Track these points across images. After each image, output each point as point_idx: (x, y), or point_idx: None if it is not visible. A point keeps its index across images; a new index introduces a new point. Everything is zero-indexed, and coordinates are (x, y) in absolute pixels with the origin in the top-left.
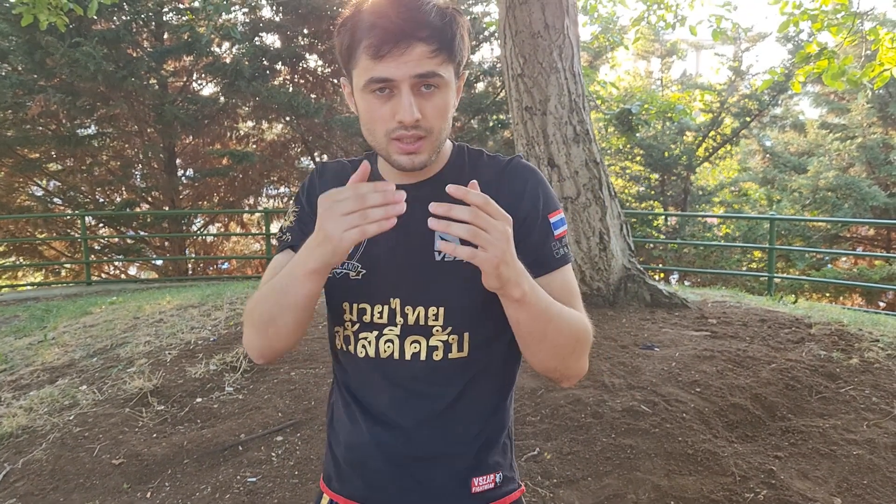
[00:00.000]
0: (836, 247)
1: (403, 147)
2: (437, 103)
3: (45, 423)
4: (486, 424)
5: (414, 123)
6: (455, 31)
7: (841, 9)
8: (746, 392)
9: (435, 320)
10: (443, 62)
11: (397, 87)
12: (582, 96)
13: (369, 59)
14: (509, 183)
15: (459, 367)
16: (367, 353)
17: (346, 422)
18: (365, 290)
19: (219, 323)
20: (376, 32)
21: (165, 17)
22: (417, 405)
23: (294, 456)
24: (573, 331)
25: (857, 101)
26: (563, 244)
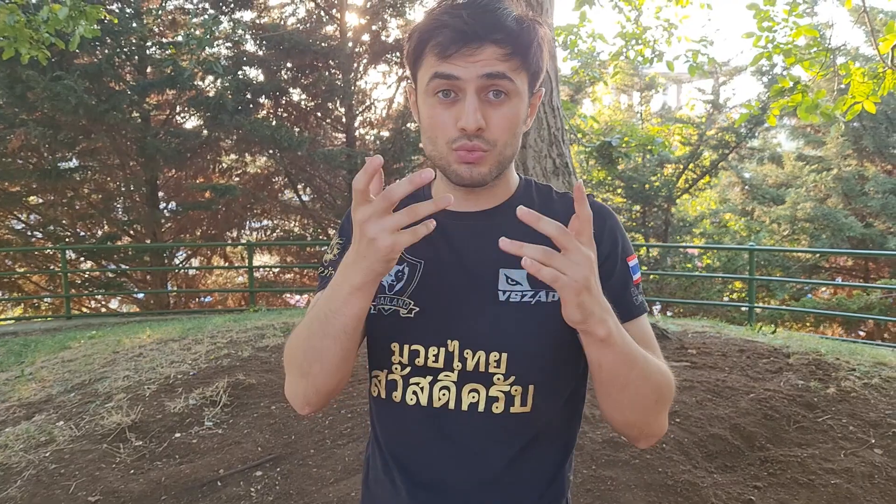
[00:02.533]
0: (815, 277)
1: (464, 156)
2: (506, 113)
3: (20, 459)
4: (549, 488)
5: (476, 132)
6: (532, 38)
7: (814, 44)
8: (725, 422)
9: (497, 367)
10: (516, 67)
11: (462, 91)
12: (561, 130)
13: (436, 58)
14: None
15: (521, 423)
16: (419, 401)
17: (386, 484)
18: (418, 330)
19: (199, 357)
20: (446, 32)
21: (148, 51)
22: (471, 464)
23: (273, 491)
24: (657, 380)
25: (831, 133)
26: (640, 291)
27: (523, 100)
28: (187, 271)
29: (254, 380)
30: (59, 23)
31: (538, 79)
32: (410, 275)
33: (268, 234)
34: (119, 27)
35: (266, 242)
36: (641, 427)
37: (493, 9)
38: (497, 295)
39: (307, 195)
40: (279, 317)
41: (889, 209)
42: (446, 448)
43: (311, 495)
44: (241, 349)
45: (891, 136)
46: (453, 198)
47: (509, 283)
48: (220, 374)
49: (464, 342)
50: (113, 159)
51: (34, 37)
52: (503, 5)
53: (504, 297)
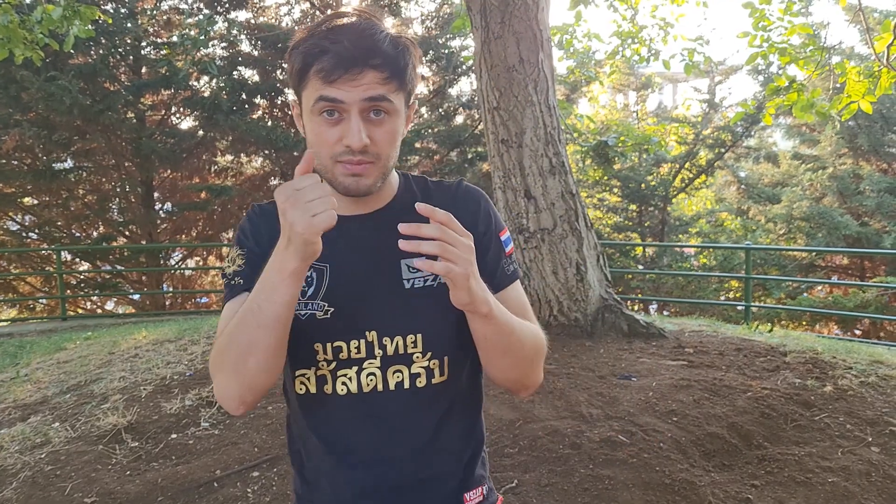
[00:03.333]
0: (811, 275)
1: (349, 168)
2: (387, 129)
3: (15, 461)
4: (470, 441)
5: (362, 149)
6: (408, 61)
7: (809, 42)
8: (723, 421)
9: (414, 347)
10: (394, 89)
11: (346, 111)
12: (557, 129)
13: (320, 82)
14: (463, 205)
15: (441, 390)
16: (349, 389)
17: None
18: (337, 327)
19: (195, 357)
20: (329, 57)
21: (143, 52)
22: (405, 436)
23: (270, 492)
24: (532, 342)
25: (826, 132)
26: (512, 260)
27: (401, 115)
28: (183, 272)
29: None
30: (53, 23)
31: (412, 95)
32: (319, 279)
33: None
34: (113, 27)
35: None
36: (522, 381)
37: (370, 34)
38: (402, 283)
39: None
40: None
41: (884, 208)
42: (379, 426)
43: None
44: None
45: (886, 135)
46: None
47: (410, 271)
48: None
49: (381, 331)
50: (108, 160)
51: (28, 37)
52: (380, 29)
53: (409, 284)
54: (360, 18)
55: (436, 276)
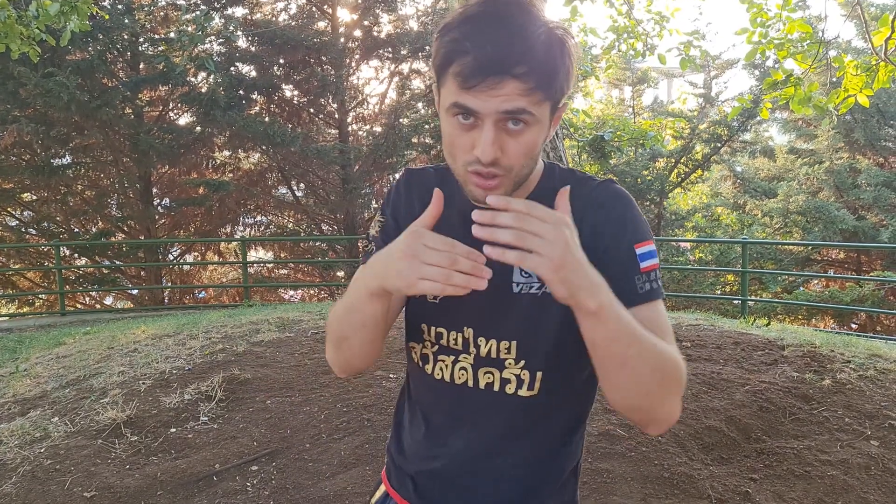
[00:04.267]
0: (807, 270)
1: (479, 181)
2: (523, 141)
3: (15, 455)
4: (548, 465)
5: (492, 162)
6: (558, 67)
7: (806, 37)
8: (721, 414)
9: (507, 353)
10: (537, 101)
11: (481, 120)
12: None
13: (457, 86)
14: (596, 208)
15: (528, 405)
16: (444, 376)
17: (410, 431)
18: (442, 315)
19: (194, 352)
20: (468, 61)
21: (140, 48)
22: (480, 435)
23: (269, 486)
24: (660, 361)
25: (823, 127)
26: (650, 278)
27: (543, 126)
28: (182, 267)
29: (249, 374)
30: (50, 18)
31: (562, 100)
32: None
33: (262, 229)
34: (111, 23)
35: (260, 238)
36: (647, 411)
37: (519, 35)
38: (511, 287)
39: (301, 191)
40: (274, 312)
41: (881, 202)
42: (463, 416)
43: (307, 489)
44: (236, 344)
45: (882, 129)
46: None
47: (523, 275)
48: (215, 368)
49: (477, 330)
50: (106, 156)
51: (25, 33)
52: (532, 27)
53: (517, 289)
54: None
55: (543, 285)
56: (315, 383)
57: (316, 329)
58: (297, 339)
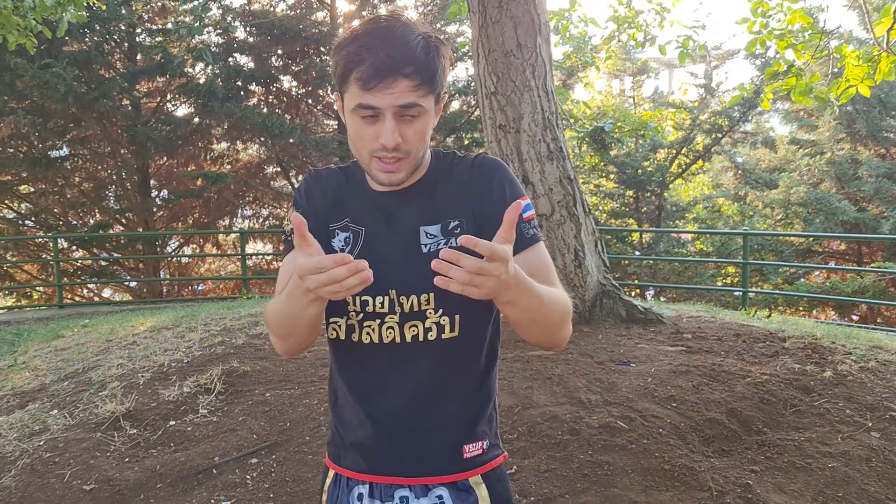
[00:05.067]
0: (808, 261)
1: (384, 166)
2: (417, 128)
3: (14, 448)
4: (476, 397)
5: (395, 147)
6: (437, 65)
7: (807, 27)
8: (722, 406)
9: (427, 305)
10: (424, 94)
11: (382, 114)
12: (555, 114)
13: (359, 89)
14: (479, 176)
15: (451, 345)
16: (372, 339)
17: (348, 405)
18: None
19: (193, 345)
20: (366, 67)
21: (138, 38)
22: (415, 383)
23: (269, 478)
24: (557, 309)
25: (824, 117)
26: (532, 225)
27: (431, 115)
28: (180, 259)
29: (248, 367)
30: (47, 10)
31: (442, 93)
32: (355, 240)
33: (260, 221)
34: (108, 14)
35: (259, 230)
36: (550, 340)
37: (404, 43)
38: (420, 248)
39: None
40: None
41: (882, 193)
42: (394, 374)
43: (307, 482)
44: (234, 336)
45: (884, 120)
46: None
47: (428, 237)
48: (214, 361)
49: (399, 290)
50: (104, 147)
51: (21, 24)
52: (414, 35)
53: (426, 249)
54: (395, 22)
55: (447, 241)
56: (314, 376)
57: None
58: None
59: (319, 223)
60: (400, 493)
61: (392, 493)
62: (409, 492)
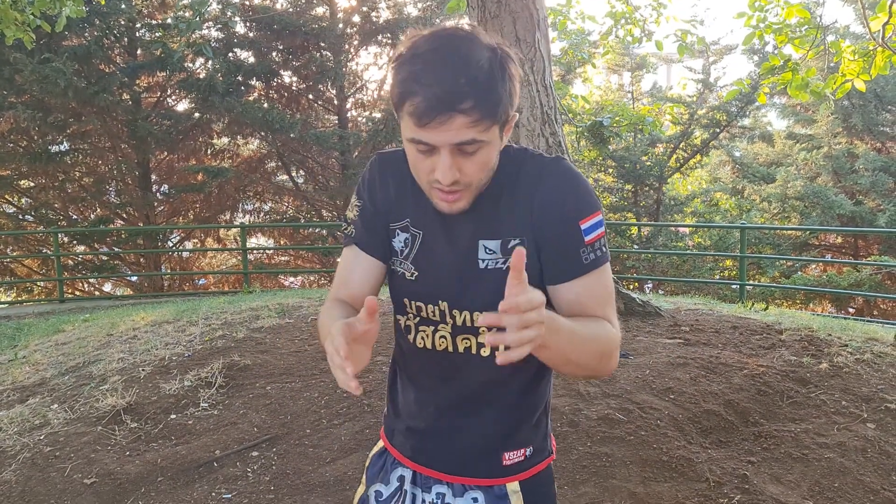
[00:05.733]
0: (805, 254)
1: (443, 196)
2: (477, 161)
3: (14, 443)
4: (520, 406)
5: (452, 183)
6: (501, 94)
7: (804, 21)
8: (719, 398)
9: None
10: (485, 129)
11: (437, 150)
12: (554, 109)
13: (412, 123)
14: (544, 190)
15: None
16: (426, 344)
17: (403, 392)
18: (419, 290)
19: (193, 338)
20: (418, 102)
21: (138, 33)
22: (464, 389)
23: (270, 471)
24: (596, 347)
25: (821, 112)
26: (594, 248)
27: (495, 144)
28: (181, 254)
29: (249, 361)
30: (45, 4)
31: (509, 115)
32: (412, 243)
33: (261, 216)
34: (107, 8)
35: (260, 224)
36: (591, 375)
37: (463, 70)
38: (477, 263)
39: (300, 177)
40: (273, 298)
41: (878, 186)
42: (447, 376)
43: (307, 475)
44: (235, 330)
45: (880, 114)
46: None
47: (487, 252)
48: (214, 355)
49: (451, 304)
50: (104, 142)
51: (19, 18)
52: (475, 57)
53: (483, 265)
54: (457, 41)
55: (506, 260)
56: (315, 369)
57: (316, 315)
58: (296, 325)
59: (380, 222)
60: (437, 489)
61: (430, 486)
62: (446, 488)
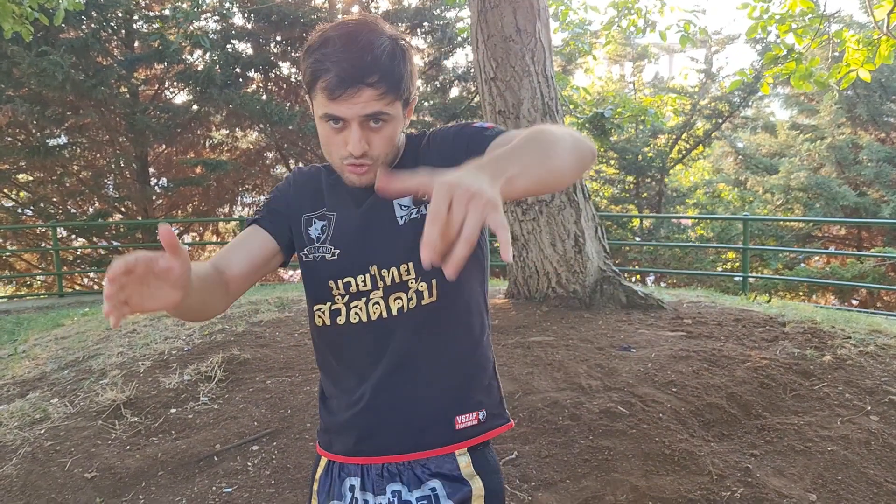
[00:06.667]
0: (808, 246)
1: (354, 170)
2: (384, 134)
3: (15, 437)
4: (465, 365)
5: (362, 154)
6: (403, 72)
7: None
8: (722, 391)
9: (408, 274)
10: (390, 102)
11: (348, 123)
12: (555, 99)
13: (324, 98)
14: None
15: (434, 311)
16: (360, 318)
17: (335, 391)
18: (345, 266)
19: (193, 332)
20: (330, 77)
21: (135, 25)
22: (400, 355)
23: (270, 465)
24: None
25: (824, 102)
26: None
27: (399, 120)
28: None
29: (248, 354)
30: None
31: (411, 97)
32: (328, 226)
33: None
34: (104, 0)
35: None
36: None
37: (368, 50)
38: (396, 221)
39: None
40: (273, 292)
41: (882, 178)
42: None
43: (308, 469)
44: (235, 324)
45: (884, 104)
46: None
47: (402, 209)
48: (214, 349)
49: (380, 264)
50: (102, 135)
51: (17, 11)
52: (378, 42)
53: (401, 220)
54: (362, 27)
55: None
56: (315, 363)
57: None
58: (296, 318)
59: (289, 211)
60: (392, 487)
61: (384, 487)
62: (401, 485)
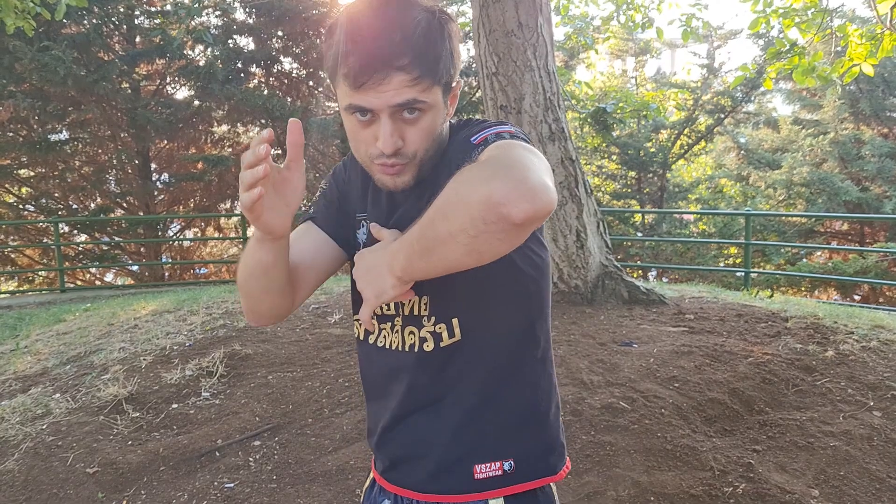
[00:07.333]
0: (810, 241)
1: (386, 170)
2: (422, 126)
3: (16, 432)
4: (482, 409)
5: (394, 152)
6: (441, 51)
7: (811, 5)
8: (724, 386)
9: (425, 310)
10: (426, 88)
11: (377, 115)
12: (557, 94)
13: (348, 87)
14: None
15: (454, 353)
16: (384, 344)
17: (370, 408)
18: None
19: (195, 328)
20: (353, 61)
21: (137, 21)
22: (412, 391)
23: (272, 461)
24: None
25: (828, 97)
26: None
27: (439, 109)
28: (181, 243)
29: (250, 350)
30: None
31: (453, 79)
32: (367, 232)
33: None
34: None
35: None
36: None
37: (398, 27)
38: None
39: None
40: None
41: (885, 173)
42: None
43: (309, 464)
44: (236, 320)
45: (888, 99)
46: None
47: None
48: (216, 344)
49: None
50: (104, 131)
51: (19, 6)
52: (411, 17)
53: None
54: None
55: None
56: (316, 358)
57: (317, 304)
58: (297, 314)
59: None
60: None
61: None
62: None
